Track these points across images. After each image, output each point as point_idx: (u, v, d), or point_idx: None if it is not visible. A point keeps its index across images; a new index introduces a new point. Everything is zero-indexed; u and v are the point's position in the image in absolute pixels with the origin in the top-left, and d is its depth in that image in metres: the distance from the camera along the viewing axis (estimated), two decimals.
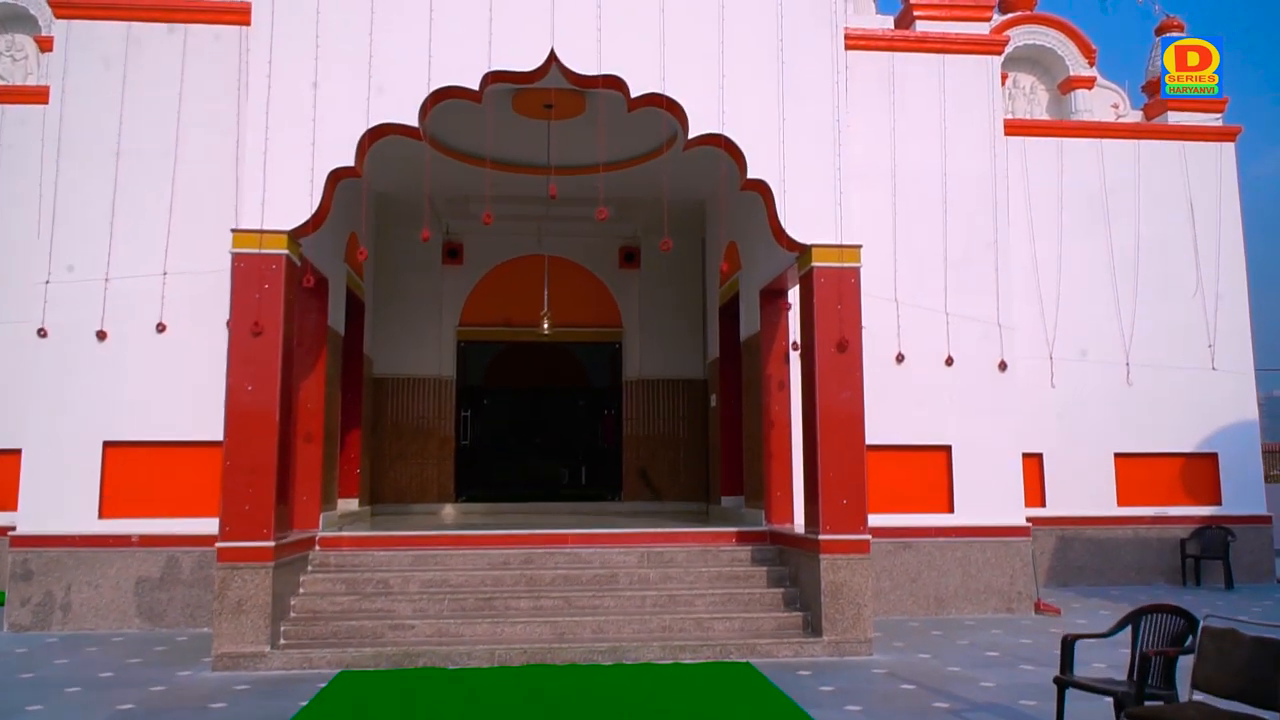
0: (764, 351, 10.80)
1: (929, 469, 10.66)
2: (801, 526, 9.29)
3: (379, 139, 8.49)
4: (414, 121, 8.43)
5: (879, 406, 9.40)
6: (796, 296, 9.66)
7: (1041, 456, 12.76)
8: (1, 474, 10.77)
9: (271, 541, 7.88)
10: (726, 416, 13.04)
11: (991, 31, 11.74)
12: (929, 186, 10.83)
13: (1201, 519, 12.99)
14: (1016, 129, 12.82)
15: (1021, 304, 12.20)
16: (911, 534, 10.47)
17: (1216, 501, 13.08)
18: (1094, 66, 13.95)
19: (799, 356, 9.48)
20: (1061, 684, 5.34)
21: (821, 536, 8.32)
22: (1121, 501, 12.98)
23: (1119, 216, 13.23)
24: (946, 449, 10.66)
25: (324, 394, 10.46)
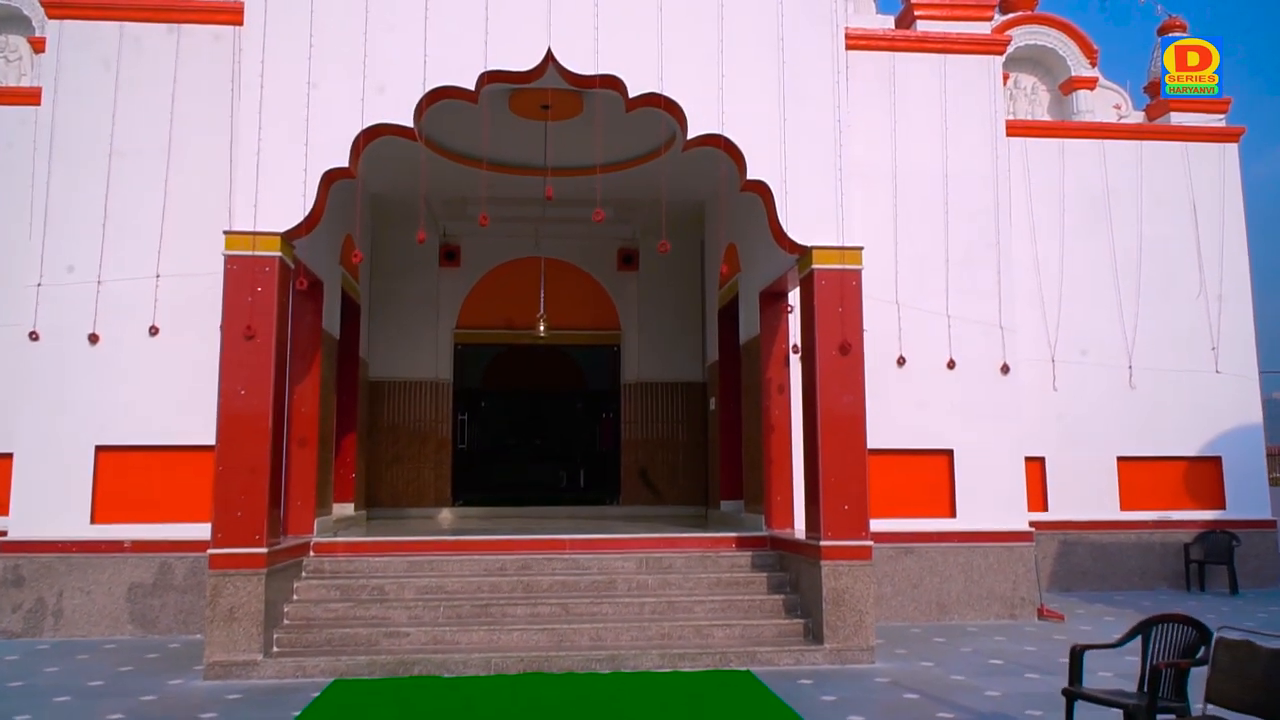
0: (764, 354, 10.69)
1: (930, 473, 10.55)
2: (802, 532, 9.17)
3: (374, 140, 8.37)
4: (409, 122, 8.31)
5: (880, 410, 9.29)
6: (797, 299, 9.55)
7: (1043, 460, 12.65)
8: None
9: (264, 548, 7.75)
10: (726, 420, 12.92)
11: (992, 31, 11.64)
12: (930, 187, 10.72)
13: (1205, 523, 12.87)
14: (1018, 130, 12.72)
15: (1023, 306, 12.09)
16: (913, 539, 10.36)
17: (1220, 505, 12.97)
18: (1096, 67, 13.86)
19: (799, 360, 9.37)
20: (1070, 696, 5.23)
21: (823, 543, 8.21)
22: (1124, 506, 12.87)
23: (1121, 218, 13.13)
24: (948, 453, 10.55)
25: (318, 398, 10.34)
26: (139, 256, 9.79)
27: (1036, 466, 12.50)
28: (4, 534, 9.60)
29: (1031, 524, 10.65)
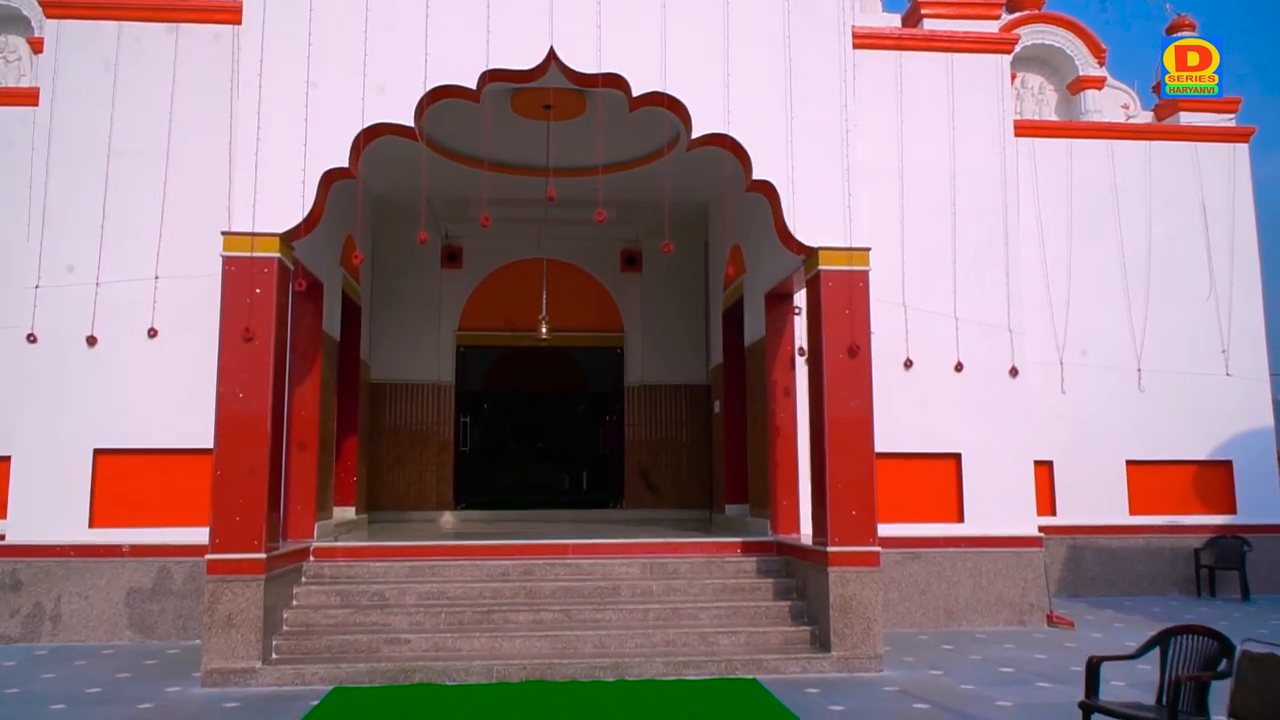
0: (769, 357, 10.56)
1: (938, 477, 10.41)
2: (808, 537, 9.05)
3: (374, 139, 8.26)
4: (410, 121, 8.20)
5: (887, 413, 9.15)
6: (803, 300, 9.42)
7: (1052, 464, 12.51)
8: None
9: (263, 554, 7.64)
10: (730, 423, 12.79)
11: (1000, 30, 11.49)
12: (937, 188, 10.59)
13: (1216, 528, 12.72)
14: (1025, 130, 12.58)
15: (1030, 308, 11.94)
16: (920, 544, 10.22)
17: (1231, 510, 12.83)
18: (1104, 66, 13.72)
19: (805, 362, 9.24)
20: (1087, 709, 5.09)
21: (830, 548, 8.08)
22: (1134, 510, 12.72)
23: (1130, 219, 12.99)
24: (956, 457, 10.41)
25: (319, 400, 10.22)
26: (138, 257, 9.67)
27: (1044, 470, 12.36)
28: (2, 537, 9.49)
29: (1040, 529, 10.51)
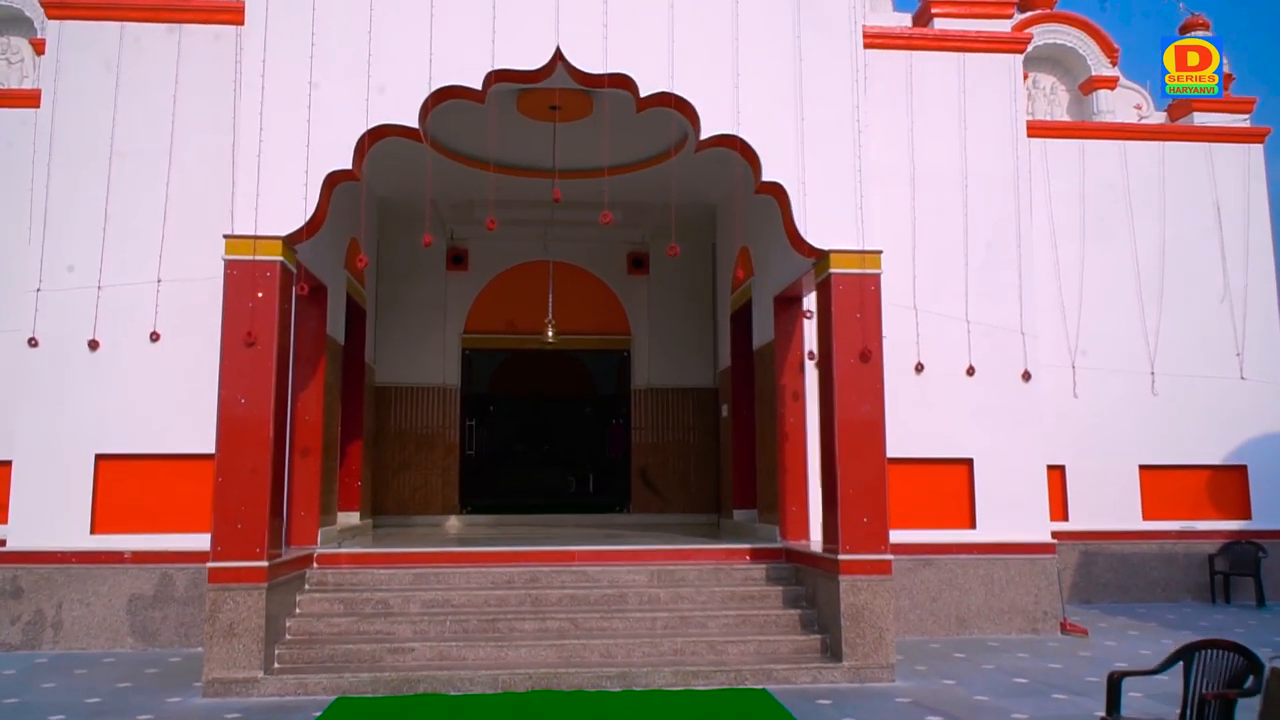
0: (778, 360, 10.43)
1: (950, 483, 10.26)
2: (819, 544, 8.91)
3: (378, 141, 8.14)
4: (414, 122, 8.08)
5: (897, 417, 8.98)
6: (813, 303, 9.29)
7: (1064, 469, 12.35)
8: None
9: (265, 561, 7.53)
10: (739, 427, 12.66)
11: (1011, 30, 11.34)
12: (948, 189, 10.44)
13: (1230, 534, 12.55)
14: (1037, 130, 12.41)
15: (1042, 311, 11.78)
16: (931, 550, 10.07)
17: (1246, 515, 12.64)
18: (1116, 66, 13.56)
19: (815, 366, 9.10)
20: None
21: (841, 556, 7.94)
22: (1147, 515, 12.55)
23: (1143, 220, 12.83)
24: (968, 462, 10.25)
25: (323, 405, 10.11)
26: (140, 260, 9.57)
27: (1056, 475, 12.17)
28: (3, 544, 9.40)
29: (1052, 534, 10.34)
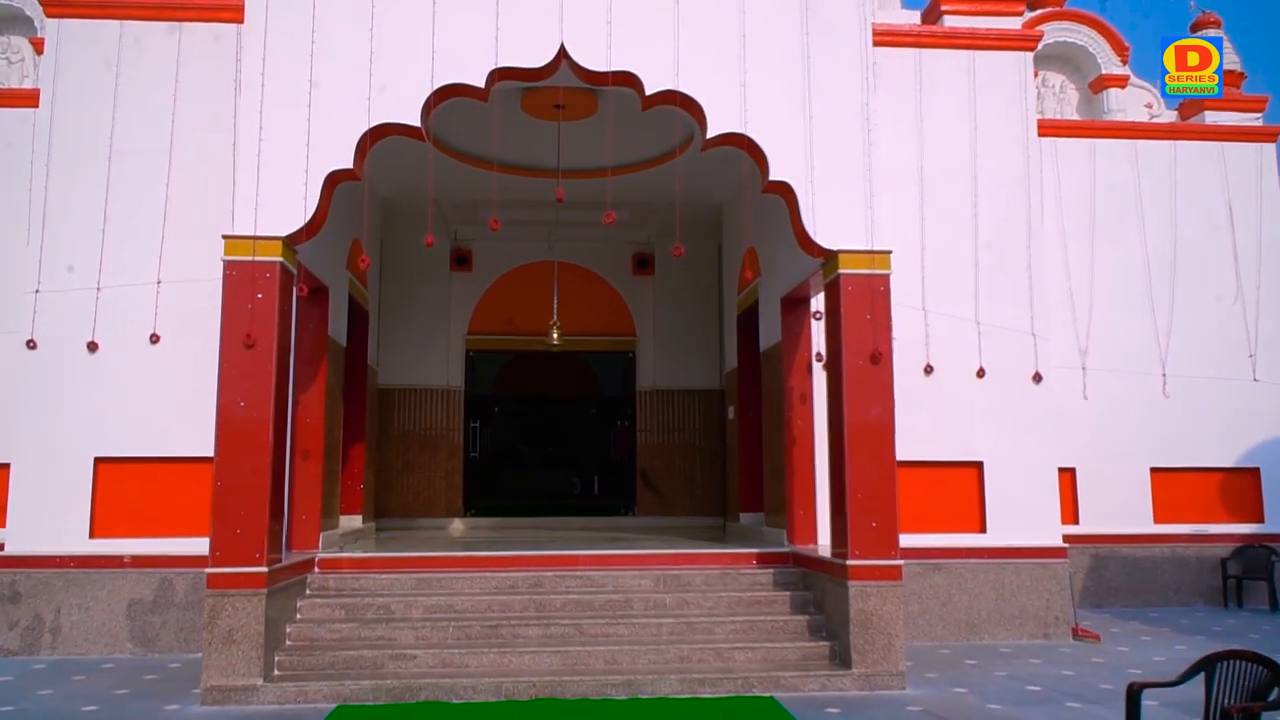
0: (785, 362, 10.29)
1: (960, 486, 10.11)
2: (827, 548, 8.77)
3: (379, 140, 8.02)
4: (416, 121, 7.96)
5: (907, 420, 8.80)
6: (821, 304, 9.14)
7: (1074, 471, 12.18)
8: None
9: (264, 567, 7.40)
10: (745, 429, 12.52)
11: (1022, 28, 11.20)
12: (958, 189, 10.30)
13: (1243, 537, 12.38)
14: (1048, 129, 12.26)
15: (1052, 312, 11.62)
16: (941, 555, 9.93)
17: (1259, 519, 12.47)
18: (1127, 65, 13.41)
19: (824, 369, 8.96)
20: None
21: (850, 562, 7.80)
22: (1158, 519, 12.38)
23: (1154, 220, 12.67)
24: (978, 465, 10.11)
25: (324, 407, 9.99)
26: (139, 261, 9.45)
27: (1067, 478, 12.00)
28: (1, 547, 9.30)
29: (1063, 538, 10.19)
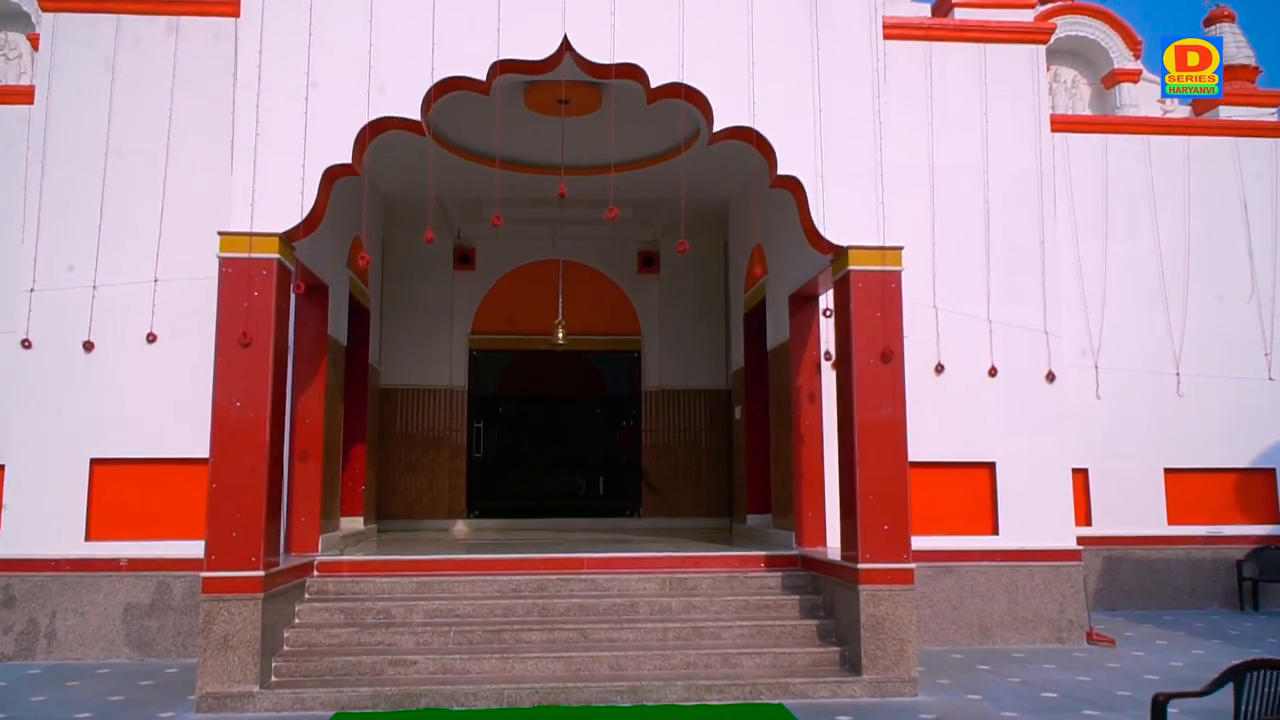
0: (793, 361, 10.11)
1: (971, 487, 9.92)
2: (836, 551, 8.58)
3: (379, 134, 7.85)
4: (416, 115, 7.78)
5: (917, 420, 8.58)
6: (830, 302, 8.96)
7: (1087, 472, 11.98)
8: None
9: (261, 571, 7.24)
10: (752, 429, 12.33)
11: (1034, 21, 11.00)
12: (969, 185, 10.11)
13: (1259, 538, 12.17)
14: (1059, 125, 12.04)
15: (1065, 310, 11.41)
16: (953, 557, 9.73)
17: (1275, 520, 12.26)
18: (1140, 59, 13.20)
19: (833, 368, 8.77)
20: None
21: (860, 565, 7.61)
22: (1172, 520, 12.17)
23: (1167, 217, 12.44)
24: (990, 466, 9.92)
25: (324, 407, 9.82)
26: (136, 260, 9.28)
27: (1080, 479, 11.79)
28: None
29: (1076, 540, 10.00)
